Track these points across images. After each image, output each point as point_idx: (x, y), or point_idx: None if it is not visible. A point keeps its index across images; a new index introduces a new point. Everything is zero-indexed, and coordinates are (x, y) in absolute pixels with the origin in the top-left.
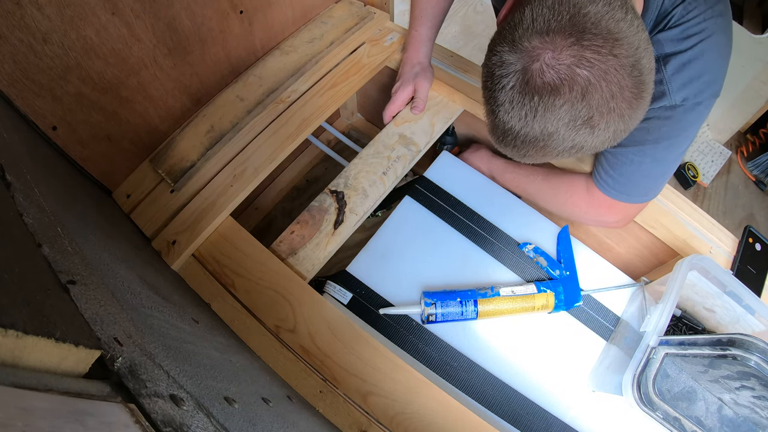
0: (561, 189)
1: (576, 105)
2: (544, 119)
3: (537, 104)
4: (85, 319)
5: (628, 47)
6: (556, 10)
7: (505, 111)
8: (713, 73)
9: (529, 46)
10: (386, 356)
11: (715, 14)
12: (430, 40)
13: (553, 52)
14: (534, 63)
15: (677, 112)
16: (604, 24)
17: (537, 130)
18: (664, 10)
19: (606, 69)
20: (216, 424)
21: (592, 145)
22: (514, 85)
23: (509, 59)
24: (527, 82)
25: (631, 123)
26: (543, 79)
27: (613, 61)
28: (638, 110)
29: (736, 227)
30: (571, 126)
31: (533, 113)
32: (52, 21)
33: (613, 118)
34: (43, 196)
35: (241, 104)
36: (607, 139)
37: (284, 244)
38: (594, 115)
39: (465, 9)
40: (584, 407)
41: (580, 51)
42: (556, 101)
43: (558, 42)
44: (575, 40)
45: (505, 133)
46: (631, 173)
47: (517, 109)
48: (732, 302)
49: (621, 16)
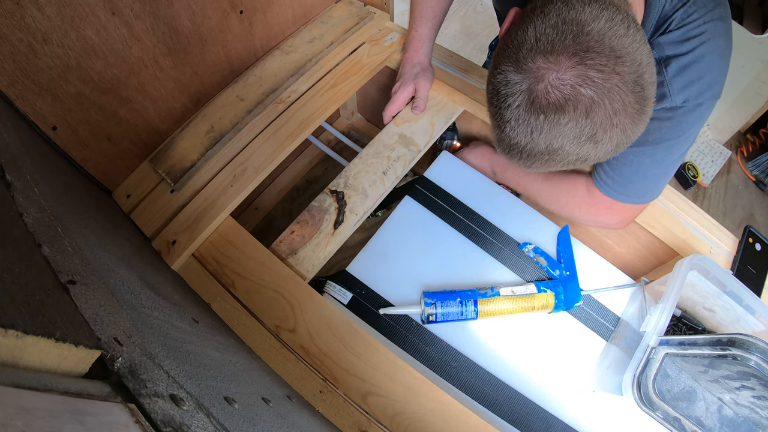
0: (562, 189)
1: (580, 122)
2: (550, 136)
3: (543, 122)
4: (85, 319)
5: (630, 64)
6: (559, 30)
7: (511, 128)
8: (714, 75)
9: (534, 67)
10: (386, 356)
11: (715, 17)
12: (431, 40)
13: (557, 72)
14: (539, 84)
15: (678, 114)
16: (607, 42)
17: (542, 145)
18: (665, 13)
19: (609, 87)
20: (216, 424)
21: (595, 157)
22: (520, 104)
23: (514, 79)
24: (533, 102)
25: (633, 135)
26: (548, 99)
27: (616, 79)
28: (640, 124)
29: (736, 227)
30: (576, 142)
31: (539, 131)
32: (52, 21)
33: (616, 132)
34: (43, 196)
35: (241, 104)
36: (610, 151)
37: (284, 244)
38: (598, 131)
39: (465, 9)
40: (584, 407)
41: (584, 70)
42: (561, 119)
43: (562, 62)
44: (579, 60)
45: (511, 147)
46: (631, 174)
47: (523, 126)
48: (732, 302)
49: (623, 32)
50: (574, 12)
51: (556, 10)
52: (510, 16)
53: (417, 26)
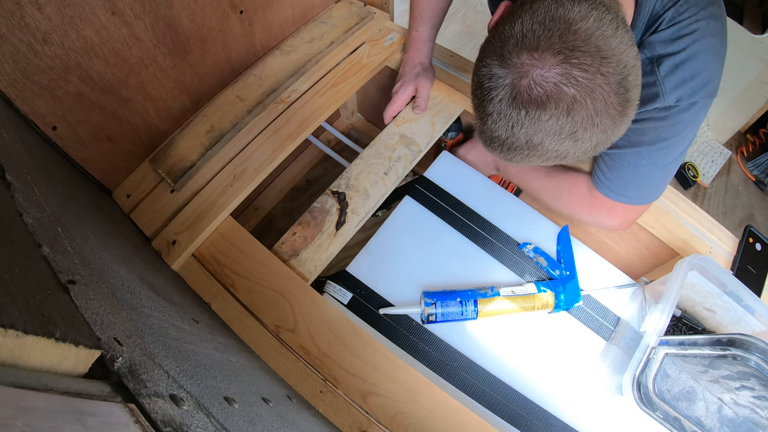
0: (564, 188)
1: (561, 119)
2: (530, 131)
3: (524, 117)
4: (85, 319)
5: (616, 65)
6: (546, 27)
7: (493, 121)
8: (708, 73)
9: (518, 62)
10: (386, 356)
11: (708, 16)
12: (431, 40)
13: (541, 69)
14: (522, 79)
15: (672, 113)
16: (593, 41)
17: (522, 140)
18: (655, 12)
19: (593, 87)
20: (216, 424)
21: (575, 155)
22: (503, 98)
23: (498, 73)
24: (515, 97)
25: (614, 136)
26: (530, 95)
27: (600, 80)
28: (621, 125)
29: (736, 227)
30: (556, 138)
31: (519, 125)
32: (52, 21)
33: (596, 132)
34: (43, 196)
35: (241, 104)
36: (589, 150)
37: (286, 246)
38: (578, 130)
39: (465, 9)
40: (584, 407)
41: (568, 69)
42: (542, 115)
43: (547, 59)
44: (564, 58)
45: (492, 140)
46: (629, 175)
47: (505, 121)
48: (732, 302)
49: (611, 33)
50: (563, 9)
51: (545, 6)
52: (500, 9)
53: (417, 26)
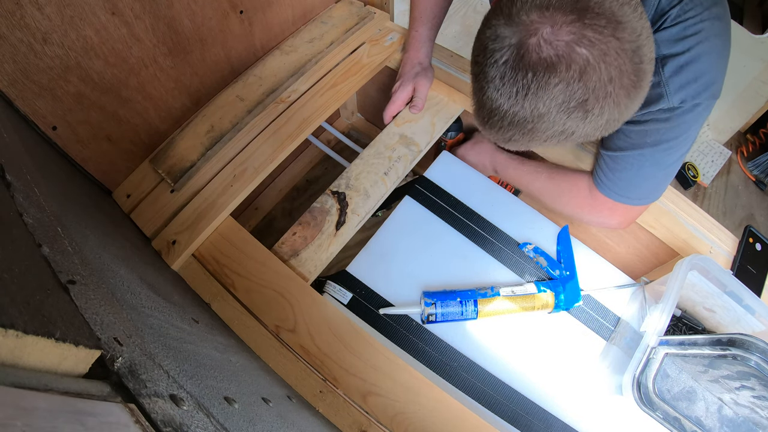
0: (564, 189)
1: (572, 85)
2: (536, 98)
3: (530, 81)
4: (85, 319)
5: (631, 32)
6: None
7: (494, 87)
8: (712, 74)
9: (527, 20)
10: (386, 356)
11: (712, 16)
12: (430, 40)
13: (552, 27)
14: (531, 37)
15: (675, 114)
16: (607, 5)
17: (527, 109)
18: (661, 9)
19: (606, 50)
20: (216, 423)
21: (582, 132)
22: (507, 60)
23: (504, 33)
24: (522, 57)
25: (626, 113)
26: (539, 55)
27: (614, 43)
28: (635, 100)
29: (736, 227)
30: (564, 108)
31: (525, 91)
32: (52, 21)
33: (608, 103)
34: (43, 196)
35: (241, 104)
36: (599, 127)
37: (286, 246)
38: (589, 97)
39: (465, 9)
40: (584, 407)
41: (581, 29)
42: (551, 79)
43: (558, 18)
44: (576, 17)
45: (491, 113)
46: (632, 177)
47: (508, 86)
48: (732, 302)
49: (626, 1)
50: None
51: None
52: None
53: (417, 26)
